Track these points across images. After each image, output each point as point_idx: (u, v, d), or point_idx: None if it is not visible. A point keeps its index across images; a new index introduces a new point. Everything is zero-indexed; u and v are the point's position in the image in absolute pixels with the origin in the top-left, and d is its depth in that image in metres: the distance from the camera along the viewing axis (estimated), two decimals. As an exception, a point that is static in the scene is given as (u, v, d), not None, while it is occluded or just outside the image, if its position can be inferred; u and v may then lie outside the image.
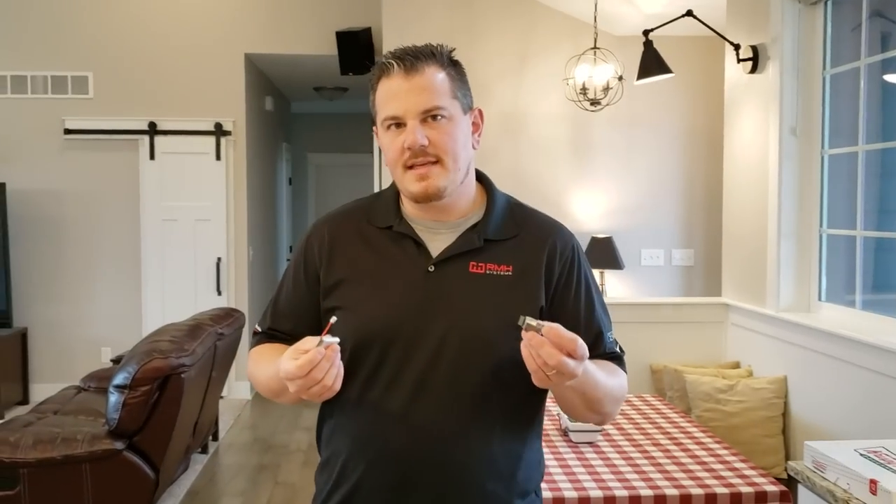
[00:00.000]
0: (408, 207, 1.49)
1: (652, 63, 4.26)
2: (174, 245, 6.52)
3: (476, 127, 1.50)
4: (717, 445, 2.81)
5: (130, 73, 6.44)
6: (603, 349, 1.49)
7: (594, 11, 4.88)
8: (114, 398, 3.49)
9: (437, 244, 1.46)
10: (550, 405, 3.29)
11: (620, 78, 4.81)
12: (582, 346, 1.22)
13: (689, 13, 4.07)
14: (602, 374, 1.39)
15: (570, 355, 1.21)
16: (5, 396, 5.97)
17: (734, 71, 4.12)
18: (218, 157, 6.51)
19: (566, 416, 2.86)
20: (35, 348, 6.48)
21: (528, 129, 5.72)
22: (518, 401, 1.45)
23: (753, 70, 3.88)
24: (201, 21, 6.46)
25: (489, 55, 5.59)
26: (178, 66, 6.45)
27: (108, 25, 6.41)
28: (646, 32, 4.22)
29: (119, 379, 3.47)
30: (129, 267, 6.53)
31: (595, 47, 4.80)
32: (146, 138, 6.45)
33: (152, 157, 6.47)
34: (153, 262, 6.50)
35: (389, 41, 5.57)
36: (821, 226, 3.64)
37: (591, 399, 1.37)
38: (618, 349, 1.52)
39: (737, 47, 3.99)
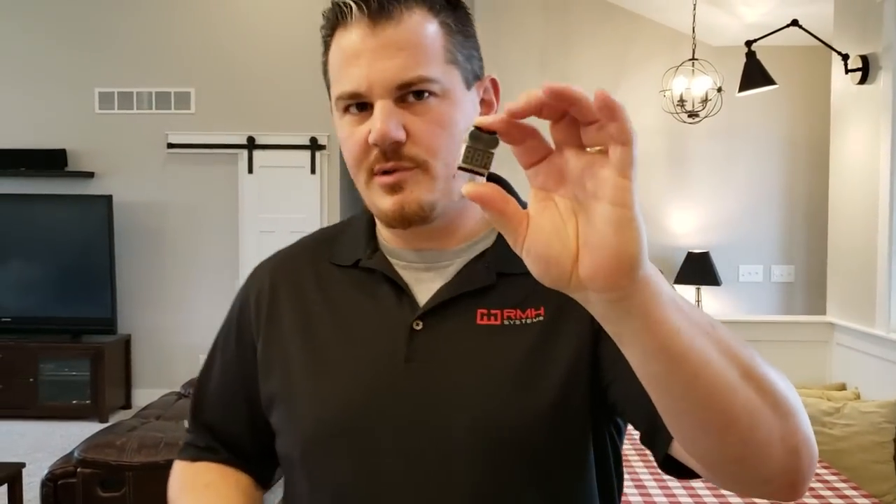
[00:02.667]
0: (385, 233, 0.98)
1: (755, 74, 4.15)
2: (270, 256, 6.66)
3: (489, 106, 0.96)
4: (824, 471, 2.70)
5: (230, 89, 6.63)
6: None
7: (692, 22, 4.79)
8: (214, 405, 3.58)
9: (428, 285, 0.94)
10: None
11: (720, 89, 4.71)
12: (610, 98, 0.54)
13: (795, 23, 3.95)
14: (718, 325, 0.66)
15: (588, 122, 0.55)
16: (110, 401, 6.21)
17: (842, 81, 3.97)
18: (313, 171, 6.63)
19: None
20: (138, 354, 6.71)
21: (622, 142, 5.64)
22: None
23: (863, 80, 3.74)
24: (298, 38, 6.59)
25: (584, 66, 5.55)
26: (276, 83, 6.61)
27: (209, 44, 6.62)
28: (748, 43, 4.11)
29: (220, 387, 3.56)
30: (228, 277, 6.70)
31: (693, 58, 4.72)
32: (245, 152, 6.63)
33: (250, 170, 6.64)
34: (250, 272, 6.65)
35: (483, 54, 5.58)
36: (936, 243, 3.48)
37: (701, 363, 0.61)
38: None
39: (845, 57, 3.85)
